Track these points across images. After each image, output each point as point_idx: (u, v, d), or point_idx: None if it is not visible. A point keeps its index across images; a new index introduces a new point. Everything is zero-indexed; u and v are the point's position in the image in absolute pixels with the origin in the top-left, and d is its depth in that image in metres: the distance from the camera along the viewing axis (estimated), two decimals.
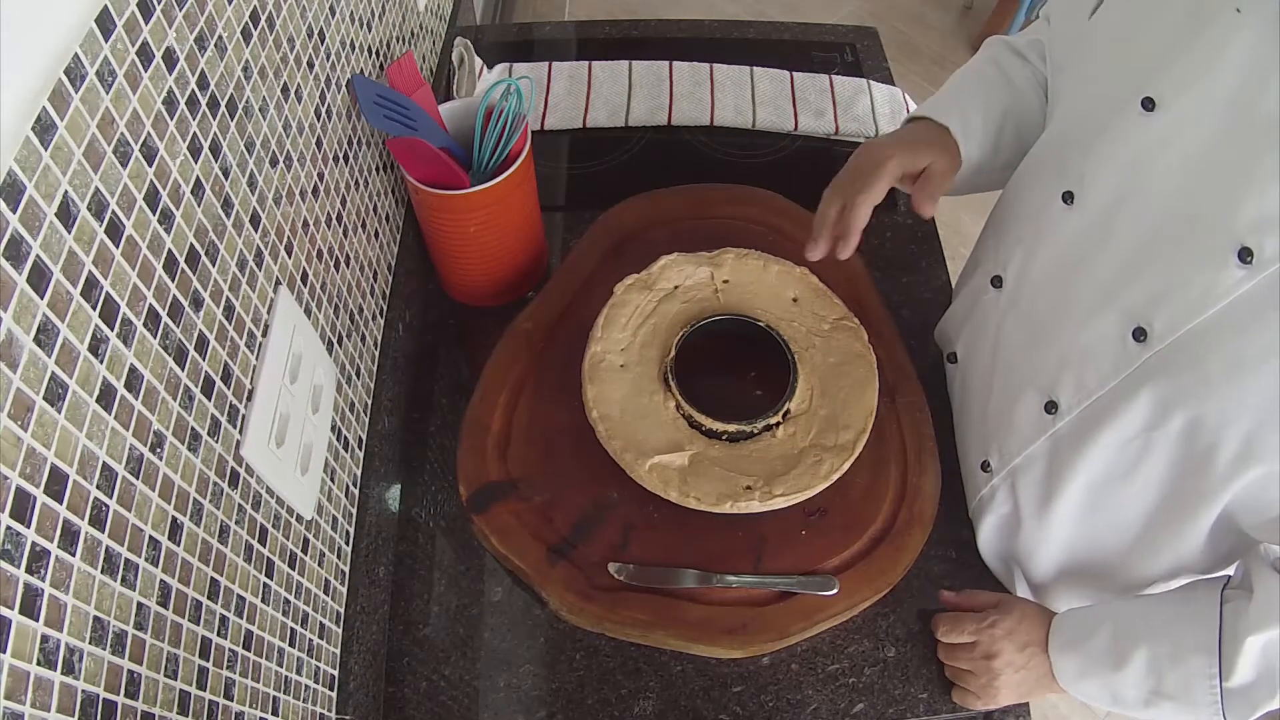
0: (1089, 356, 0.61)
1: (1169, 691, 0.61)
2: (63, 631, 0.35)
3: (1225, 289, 0.51)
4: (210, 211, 0.48)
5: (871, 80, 1.13)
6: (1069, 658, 0.67)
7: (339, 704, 0.65)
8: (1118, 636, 0.64)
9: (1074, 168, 0.62)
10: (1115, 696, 0.65)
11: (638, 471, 0.73)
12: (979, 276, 0.77)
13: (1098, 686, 0.66)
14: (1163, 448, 0.59)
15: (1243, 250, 0.50)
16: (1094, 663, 0.65)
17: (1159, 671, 0.62)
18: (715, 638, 0.71)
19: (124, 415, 0.40)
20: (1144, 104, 0.55)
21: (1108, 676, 0.64)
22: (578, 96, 1.11)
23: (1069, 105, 0.67)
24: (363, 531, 0.72)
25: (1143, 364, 0.57)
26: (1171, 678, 0.61)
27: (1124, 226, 0.58)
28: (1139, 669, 0.62)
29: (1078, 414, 0.63)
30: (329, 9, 0.68)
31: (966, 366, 0.81)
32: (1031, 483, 0.70)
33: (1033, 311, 0.68)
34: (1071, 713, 1.61)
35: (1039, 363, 0.67)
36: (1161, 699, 0.62)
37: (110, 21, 0.39)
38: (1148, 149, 0.56)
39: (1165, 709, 0.63)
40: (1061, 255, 0.64)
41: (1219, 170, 0.52)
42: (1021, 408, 0.68)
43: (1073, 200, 0.62)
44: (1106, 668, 0.64)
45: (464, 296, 0.92)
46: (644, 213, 0.96)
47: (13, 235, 0.33)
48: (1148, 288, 0.56)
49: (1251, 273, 0.50)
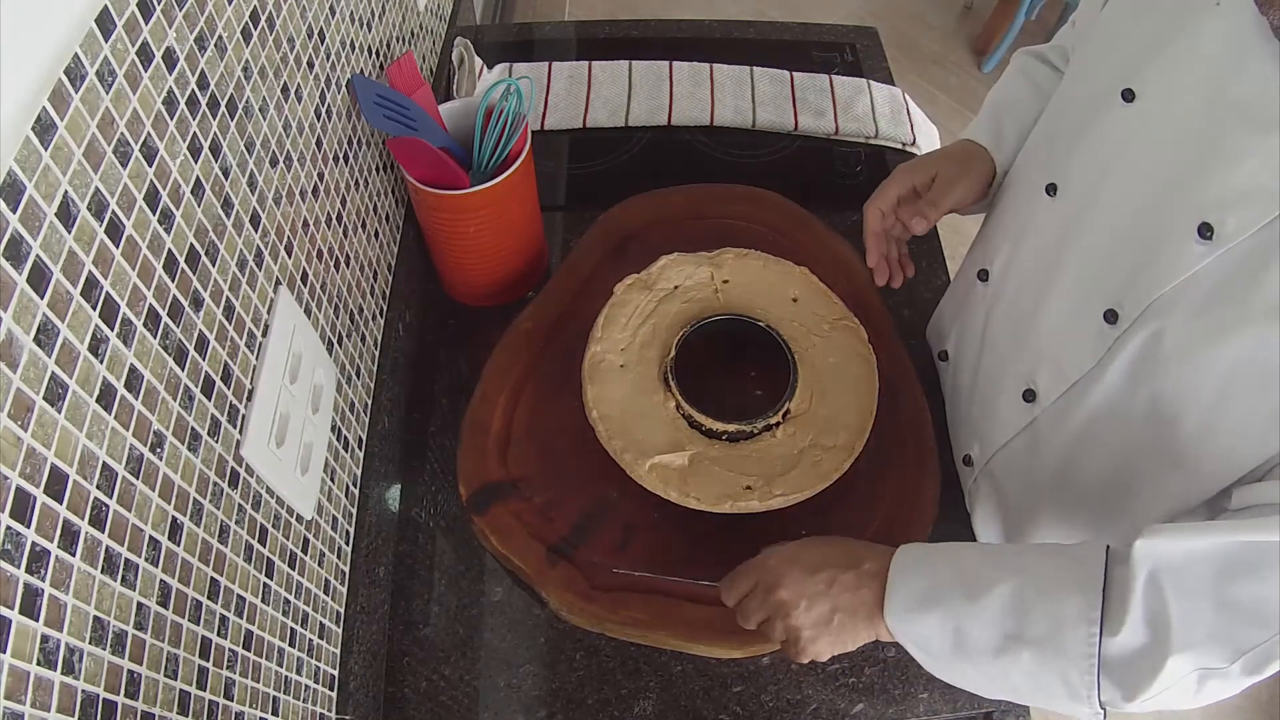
0: (1066, 343, 0.61)
1: (1032, 635, 0.50)
2: (63, 631, 0.35)
3: (1185, 264, 0.51)
4: (210, 211, 0.48)
5: (871, 80, 1.13)
6: (909, 580, 0.55)
7: (339, 704, 0.65)
8: (978, 563, 0.54)
9: (1059, 161, 0.63)
10: (959, 638, 0.53)
11: (638, 471, 0.73)
12: (967, 271, 0.78)
13: (938, 622, 0.53)
14: (1132, 427, 0.58)
15: (1203, 226, 0.50)
16: (941, 589, 0.54)
17: (1022, 609, 0.51)
18: (715, 638, 0.71)
19: (124, 415, 0.40)
20: (1124, 95, 0.56)
21: (956, 608, 0.53)
22: (578, 96, 1.11)
23: (1058, 100, 0.68)
24: (363, 531, 0.72)
25: (1112, 345, 0.57)
26: (1038, 618, 0.50)
27: (1100, 215, 0.59)
28: (998, 602, 0.52)
29: (1055, 402, 0.63)
30: (329, 9, 0.68)
31: (956, 363, 0.81)
32: (1012, 472, 0.71)
33: (1015, 303, 0.69)
34: None
35: (1020, 353, 0.67)
36: (1020, 645, 0.51)
37: (110, 21, 0.39)
38: (1124, 138, 0.57)
39: (1023, 659, 0.51)
40: (1043, 247, 0.65)
41: (1188, 151, 0.52)
42: (1003, 399, 0.69)
43: (1055, 192, 0.63)
44: (957, 597, 0.53)
45: (464, 296, 0.92)
46: (644, 213, 0.96)
47: (13, 235, 0.33)
48: (1120, 270, 0.57)
49: (1210, 248, 0.50)
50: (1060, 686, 0.51)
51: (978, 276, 0.74)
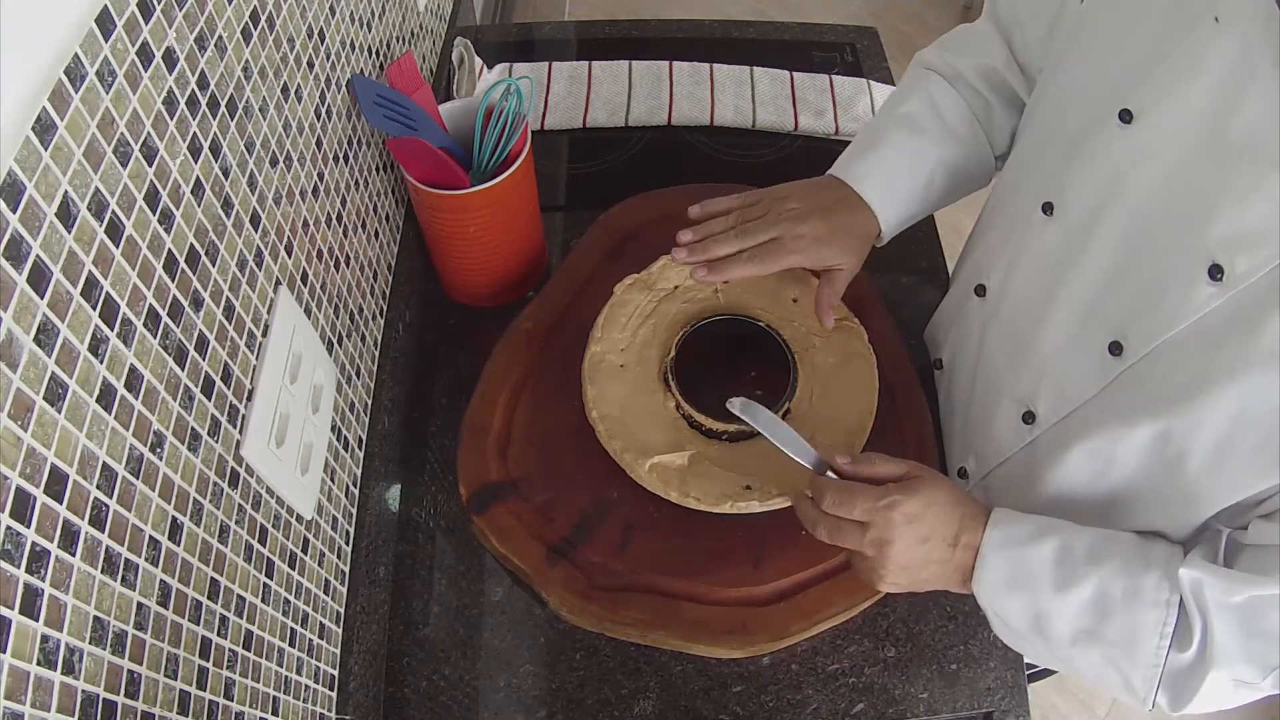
0: (1068, 369, 0.61)
1: (1107, 636, 0.54)
2: (63, 631, 0.35)
3: (1196, 305, 0.51)
4: (210, 211, 0.48)
5: (871, 80, 1.13)
6: (1001, 562, 0.57)
7: (339, 704, 0.65)
8: (1069, 553, 0.56)
9: (1054, 178, 0.62)
10: (1038, 623, 0.56)
11: (638, 471, 0.73)
12: (963, 283, 0.77)
13: (1023, 605, 0.57)
14: (1135, 457, 0.58)
15: (1213, 267, 0.49)
16: (1031, 577, 0.56)
17: (1105, 609, 0.54)
18: (715, 638, 0.71)
19: (124, 415, 0.40)
20: (1121, 116, 0.55)
21: (1042, 597, 0.55)
22: (578, 96, 1.11)
23: (1047, 114, 0.66)
24: (363, 531, 0.72)
25: (1118, 377, 0.57)
26: (1117, 623, 0.54)
27: (1102, 240, 0.58)
28: (1083, 598, 0.55)
29: (1054, 425, 0.63)
30: (329, 9, 0.68)
31: (951, 373, 0.81)
32: (1006, 490, 0.70)
33: (1014, 322, 0.68)
34: (1072, 712, 1.62)
35: (1019, 373, 0.66)
36: (1094, 641, 0.55)
37: (110, 21, 0.39)
38: (1125, 162, 0.55)
39: (1093, 654, 0.55)
40: (1042, 266, 0.64)
41: (1193, 186, 0.51)
42: (1000, 417, 0.68)
43: (1052, 211, 0.62)
44: (1045, 586, 0.55)
45: (464, 296, 0.92)
46: (644, 213, 0.96)
47: (13, 235, 0.33)
48: (1125, 301, 0.56)
49: (1221, 289, 0.50)
50: (1120, 685, 0.55)
51: (975, 291, 0.73)
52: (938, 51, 0.81)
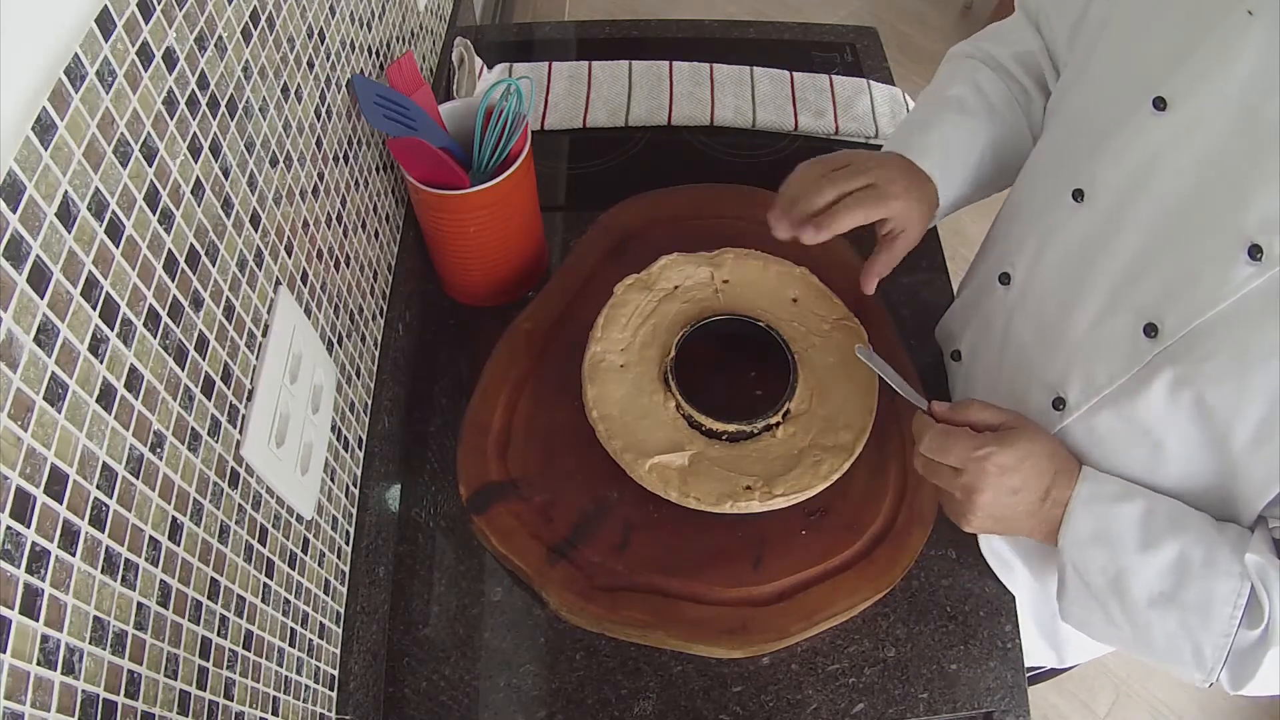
0: (1099, 353, 0.61)
1: (1185, 600, 0.56)
2: (63, 631, 0.35)
3: (1235, 285, 0.52)
4: (210, 211, 0.48)
5: (871, 80, 1.13)
6: (1089, 517, 0.59)
7: (339, 704, 0.65)
8: (1153, 515, 0.58)
9: (1084, 166, 0.62)
10: (1118, 582, 0.58)
11: (638, 471, 0.73)
12: (985, 273, 0.77)
13: (1105, 562, 0.58)
14: (1173, 437, 0.59)
15: (1253, 248, 0.50)
16: (1116, 534, 0.58)
17: (1185, 573, 0.56)
18: (715, 638, 0.71)
19: (124, 415, 0.40)
20: (1155, 103, 0.56)
21: (1125, 555, 0.57)
22: (578, 96, 1.11)
23: (1077, 103, 0.67)
24: (363, 531, 0.72)
25: (1152, 359, 0.57)
26: (1195, 587, 0.55)
27: (1134, 224, 0.58)
28: (1165, 560, 0.56)
29: (1085, 410, 0.63)
30: (329, 9, 0.68)
31: (971, 364, 0.81)
32: None
33: (1042, 309, 0.68)
34: (1072, 712, 1.61)
35: (1047, 360, 0.67)
36: (1170, 606, 0.56)
37: (110, 21, 0.39)
38: (1159, 148, 0.56)
39: (1169, 620, 0.57)
40: (1071, 253, 0.64)
41: (1229, 169, 0.52)
42: (1029, 405, 0.68)
43: (1083, 198, 0.62)
44: (1130, 545, 0.57)
45: (464, 296, 0.92)
46: (644, 213, 0.96)
47: (13, 235, 0.33)
48: (1158, 285, 0.57)
49: (1261, 269, 0.50)
50: (1190, 653, 0.56)
51: (999, 280, 0.73)
52: (974, 43, 0.82)
